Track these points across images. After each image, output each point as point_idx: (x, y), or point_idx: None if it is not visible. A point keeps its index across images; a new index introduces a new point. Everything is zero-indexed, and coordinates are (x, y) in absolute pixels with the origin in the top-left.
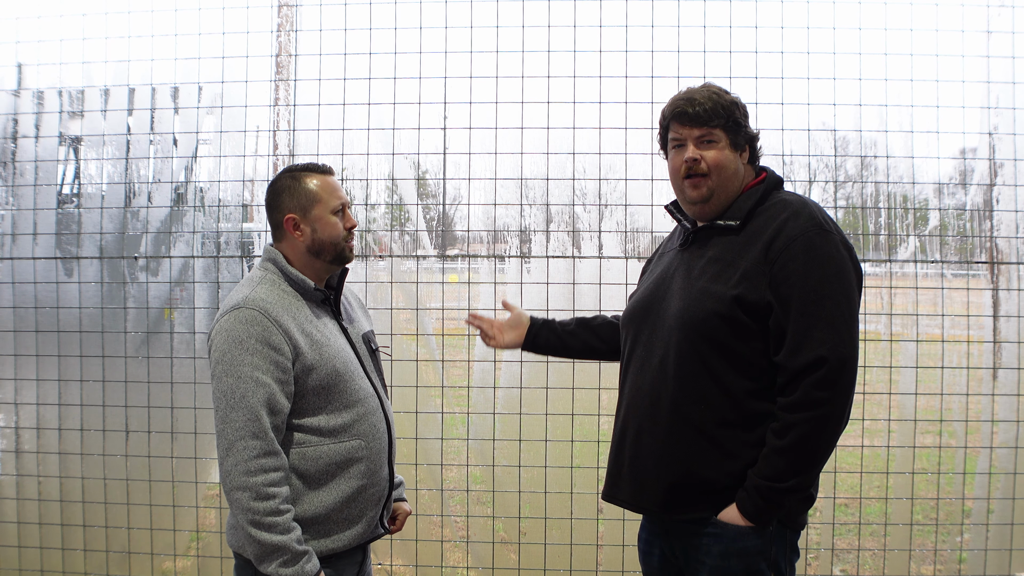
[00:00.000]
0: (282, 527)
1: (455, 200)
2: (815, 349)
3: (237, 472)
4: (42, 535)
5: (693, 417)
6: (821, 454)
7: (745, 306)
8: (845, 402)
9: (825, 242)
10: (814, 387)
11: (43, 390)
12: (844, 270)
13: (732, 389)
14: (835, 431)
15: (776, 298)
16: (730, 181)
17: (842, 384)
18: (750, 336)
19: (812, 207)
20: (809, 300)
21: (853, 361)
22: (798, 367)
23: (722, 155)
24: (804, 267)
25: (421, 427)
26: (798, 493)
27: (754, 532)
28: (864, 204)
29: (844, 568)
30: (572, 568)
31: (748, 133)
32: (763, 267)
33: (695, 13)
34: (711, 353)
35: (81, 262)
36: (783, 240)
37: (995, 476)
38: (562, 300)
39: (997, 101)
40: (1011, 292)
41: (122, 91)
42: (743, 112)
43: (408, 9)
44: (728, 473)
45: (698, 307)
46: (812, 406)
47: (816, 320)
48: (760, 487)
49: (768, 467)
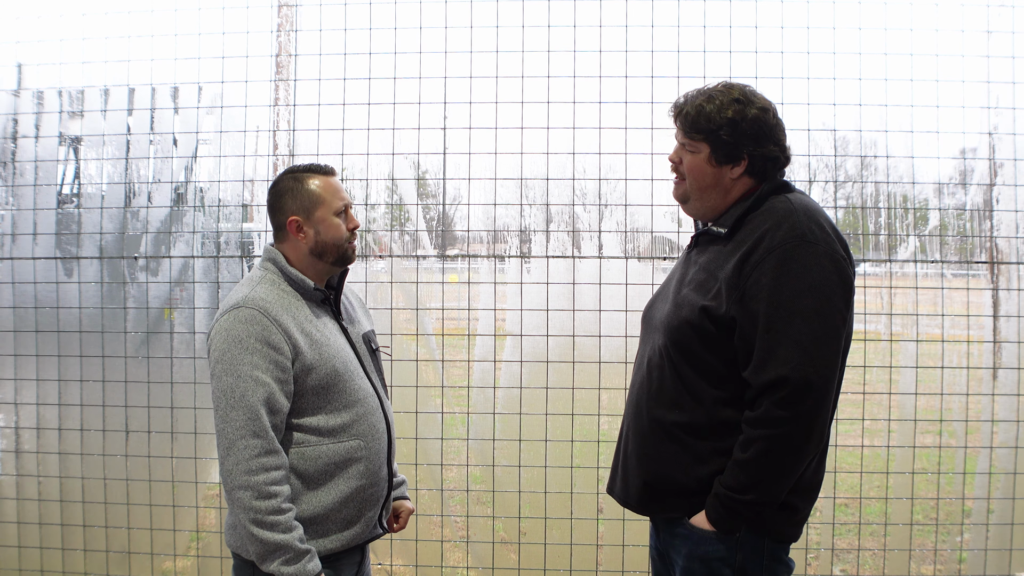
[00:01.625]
0: (284, 526)
1: (455, 200)
2: (777, 368)
3: (238, 471)
4: (42, 535)
5: (666, 421)
6: (785, 471)
7: (712, 318)
8: (810, 423)
9: (804, 254)
10: (775, 406)
11: (43, 390)
12: (822, 284)
13: (702, 397)
14: (799, 450)
15: (745, 313)
16: (708, 192)
17: (805, 405)
18: (719, 347)
19: (799, 216)
20: (777, 316)
21: (820, 382)
22: (761, 384)
23: (698, 166)
24: (775, 281)
25: (421, 427)
26: (760, 506)
27: (717, 538)
28: (864, 204)
29: (844, 568)
30: (572, 568)
31: (745, 150)
32: (736, 280)
33: (695, 13)
34: (682, 361)
35: (81, 262)
36: (759, 253)
37: (995, 476)
38: (562, 300)
39: (997, 101)
40: (1011, 292)
41: (122, 91)
42: (743, 131)
43: (408, 9)
44: (698, 479)
45: (675, 314)
46: (772, 424)
47: (782, 337)
48: (721, 495)
49: (730, 477)
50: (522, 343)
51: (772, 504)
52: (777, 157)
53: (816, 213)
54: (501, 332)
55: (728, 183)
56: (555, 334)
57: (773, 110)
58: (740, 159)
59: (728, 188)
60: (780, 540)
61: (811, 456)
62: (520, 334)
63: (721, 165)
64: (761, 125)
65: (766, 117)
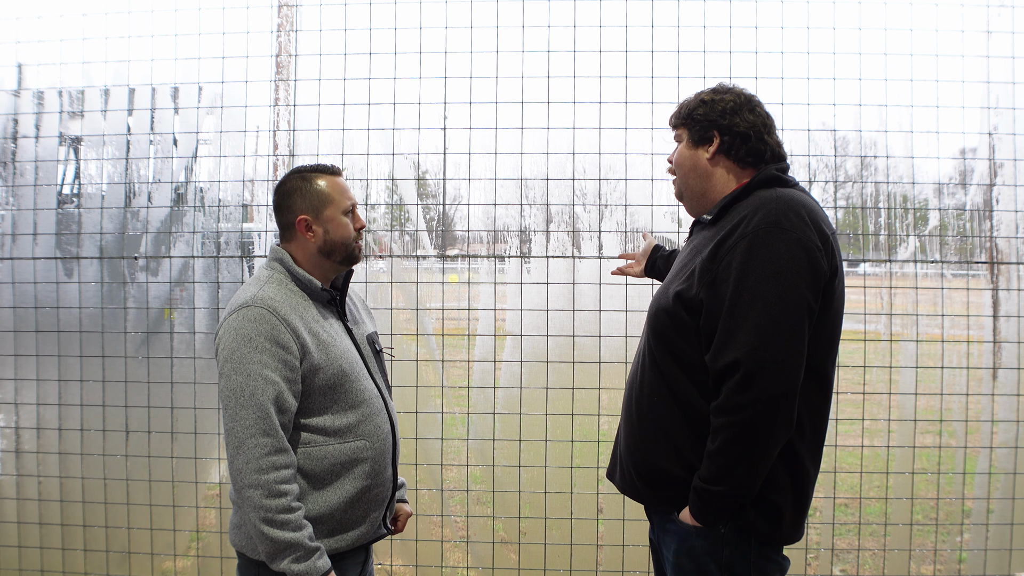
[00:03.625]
0: (294, 524)
1: (455, 200)
2: (733, 352)
3: (248, 470)
4: (42, 535)
5: (651, 412)
6: (753, 460)
7: (684, 302)
8: (770, 409)
9: (774, 240)
10: (732, 391)
11: (43, 390)
12: (788, 270)
13: (680, 387)
14: (763, 437)
15: (714, 296)
16: (689, 177)
17: (761, 389)
18: (691, 334)
19: (778, 204)
20: (740, 300)
21: (777, 366)
22: (718, 369)
23: (680, 152)
24: (743, 266)
25: (421, 427)
26: (734, 498)
27: (700, 533)
28: (864, 204)
29: (844, 568)
30: (572, 568)
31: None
32: (710, 264)
33: (695, 13)
34: (661, 350)
35: (81, 262)
36: (734, 238)
37: (995, 476)
38: (562, 300)
39: (997, 101)
40: (1011, 292)
41: (122, 91)
42: (712, 107)
43: (408, 9)
44: (684, 469)
45: (656, 304)
46: (731, 411)
47: (742, 321)
48: (698, 488)
49: (704, 468)
50: (522, 343)
51: (746, 495)
52: (747, 134)
53: (798, 204)
54: (501, 332)
55: (706, 166)
56: (555, 334)
57: (754, 102)
58: (711, 138)
59: (707, 172)
60: (767, 541)
61: (780, 443)
62: (520, 334)
63: (697, 147)
64: (732, 106)
65: (739, 101)
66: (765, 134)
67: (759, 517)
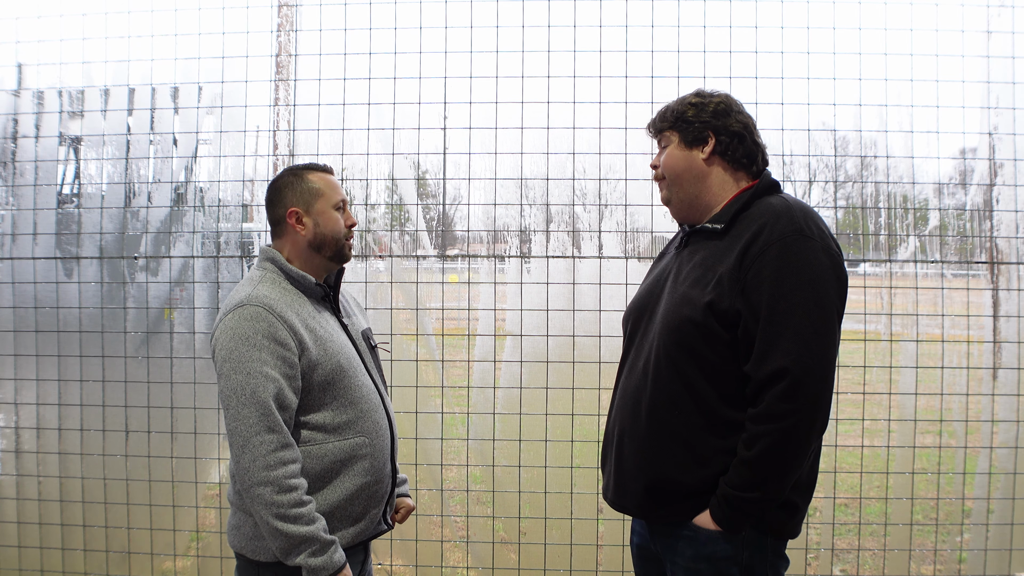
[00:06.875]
0: (307, 518)
1: (455, 200)
2: (779, 360)
3: (256, 468)
4: (42, 535)
5: (668, 422)
6: (789, 466)
7: (717, 313)
8: (812, 415)
9: (803, 248)
10: (778, 399)
11: (43, 390)
12: (820, 278)
13: (704, 396)
14: (803, 443)
15: (747, 305)
16: (682, 180)
17: (807, 396)
18: (721, 344)
19: (795, 212)
20: (778, 308)
21: (821, 373)
22: (762, 378)
23: (670, 154)
24: (776, 273)
25: (421, 427)
26: (766, 503)
27: (724, 538)
28: (864, 204)
29: (844, 568)
30: (572, 568)
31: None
32: (737, 273)
33: (695, 13)
34: (684, 359)
35: (81, 262)
36: (759, 246)
37: (995, 476)
38: (562, 300)
39: (997, 101)
40: (1011, 292)
41: (122, 91)
42: (703, 109)
43: (408, 9)
44: (702, 479)
45: (676, 312)
46: (776, 418)
47: (783, 329)
48: (728, 495)
49: (736, 476)
50: (522, 343)
51: (776, 501)
52: (742, 134)
53: (811, 212)
54: (501, 332)
55: (701, 167)
56: (555, 334)
57: (739, 104)
58: (706, 139)
59: (702, 173)
60: (781, 536)
61: (812, 449)
62: (520, 334)
63: (691, 148)
64: (723, 107)
65: (727, 102)
66: (755, 135)
67: (779, 515)
